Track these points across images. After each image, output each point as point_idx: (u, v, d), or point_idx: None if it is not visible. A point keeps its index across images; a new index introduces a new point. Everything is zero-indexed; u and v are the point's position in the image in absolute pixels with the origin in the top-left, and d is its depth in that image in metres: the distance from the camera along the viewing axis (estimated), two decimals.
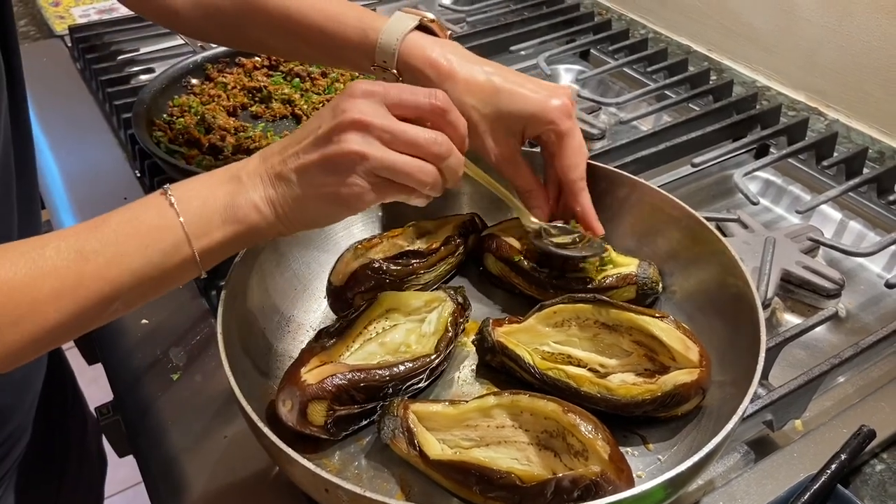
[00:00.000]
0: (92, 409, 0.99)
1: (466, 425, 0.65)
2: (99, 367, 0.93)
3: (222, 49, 1.19)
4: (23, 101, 0.80)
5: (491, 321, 0.74)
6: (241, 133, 1.06)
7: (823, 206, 1.01)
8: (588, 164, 0.85)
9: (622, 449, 0.63)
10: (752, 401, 0.59)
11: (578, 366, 0.71)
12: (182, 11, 0.84)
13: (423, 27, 0.76)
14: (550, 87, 0.75)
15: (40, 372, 0.90)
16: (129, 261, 0.55)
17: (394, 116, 0.58)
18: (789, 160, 1.08)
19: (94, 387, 1.25)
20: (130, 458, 0.92)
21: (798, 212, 0.96)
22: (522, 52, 1.37)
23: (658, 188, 0.80)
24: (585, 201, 0.77)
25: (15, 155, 0.75)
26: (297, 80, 1.16)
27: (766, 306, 0.84)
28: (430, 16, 0.78)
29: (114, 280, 0.55)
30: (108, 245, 0.55)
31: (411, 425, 0.64)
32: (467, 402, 0.66)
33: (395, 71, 0.75)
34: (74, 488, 1.04)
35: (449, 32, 0.80)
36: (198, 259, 0.57)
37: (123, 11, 1.53)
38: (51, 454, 0.98)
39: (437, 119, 0.60)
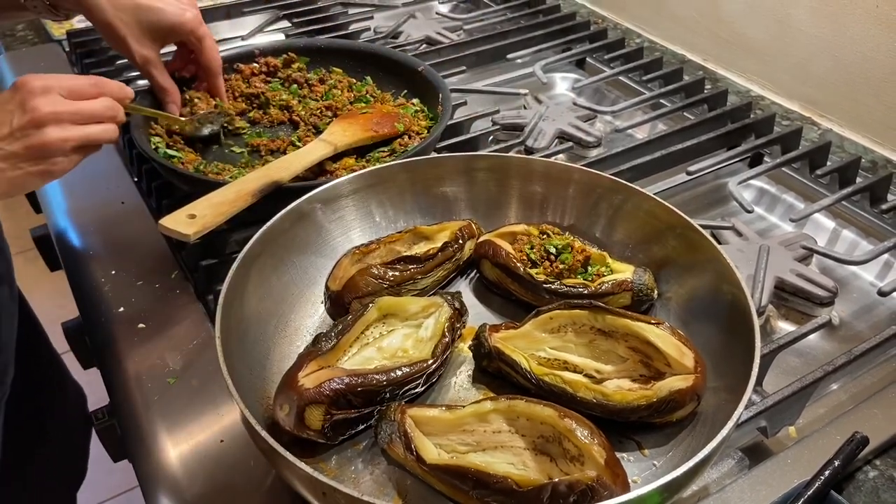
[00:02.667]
0: (77, 370, 1.00)
1: (463, 430, 0.65)
2: (94, 371, 0.93)
3: (220, 55, 1.19)
4: None
5: (488, 327, 0.74)
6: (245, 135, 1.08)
7: (817, 215, 1.01)
8: (584, 172, 0.86)
9: (618, 454, 0.63)
10: (746, 407, 0.60)
11: (574, 371, 0.71)
12: None
13: None
14: (182, 2, 0.98)
15: (13, 310, 0.91)
16: None
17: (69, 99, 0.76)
18: (783, 169, 1.09)
19: (90, 391, 1.25)
20: (125, 463, 0.92)
21: (792, 220, 0.97)
22: (519, 61, 1.38)
23: (654, 195, 0.81)
24: (219, 82, 1.07)
25: None
26: (295, 86, 1.16)
27: (760, 314, 0.84)
28: None
29: None
30: None
31: (408, 430, 0.64)
32: (464, 407, 0.66)
33: (47, 1, 0.94)
34: (55, 451, 1.06)
35: None
36: None
37: None
38: (30, 415, 1.00)
39: (99, 91, 0.81)
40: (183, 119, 1.02)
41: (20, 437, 0.96)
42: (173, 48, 1.08)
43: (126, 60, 1.35)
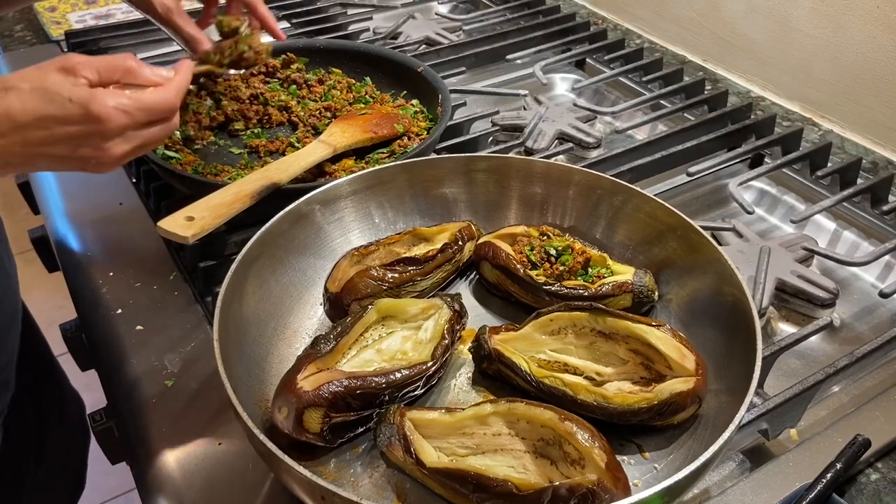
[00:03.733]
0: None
1: (463, 433, 0.65)
2: (92, 373, 0.93)
3: None
4: None
5: (487, 329, 0.74)
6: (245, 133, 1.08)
7: (818, 216, 1.01)
8: (584, 173, 0.86)
9: (619, 457, 0.63)
10: (747, 410, 0.59)
11: (575, 374, 0.71)
12: None
13: None
14: None
15: (16, 324, 0.91)
16: None
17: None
18: (784, 170, 1.08)
19: (88, 393, 1.25)
20: (123, 465, 0.92)
21: (792, 221, 0.96)
22: (518, 62, 1.37)
23: (654, 197, 0.81)
24: (264, 11, 1.01)
25: None
26: (294, 87, 1.16)
27: (761, 315, 0.84)
28: None
29: None
30: None
31: (407, 433, 0.64)
32: (464, 409, 0.66)
33: None
34: (54, 459, 1.05)
35: None
36: None
37: (120, 17, 1.53)
38: (29, 424, 0.99)
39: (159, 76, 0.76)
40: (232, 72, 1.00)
41: (20, 448, 0.95)
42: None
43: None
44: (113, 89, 0.70)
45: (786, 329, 0.86)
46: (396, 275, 0.79)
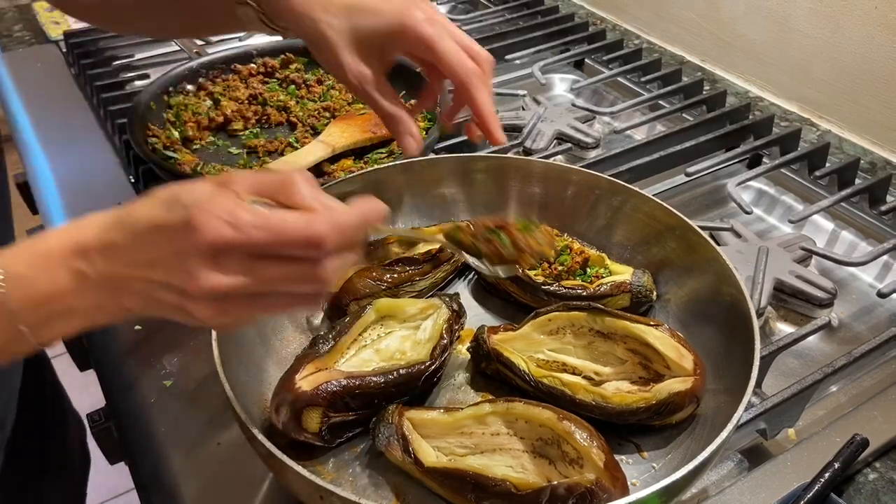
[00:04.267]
0: (83, 414, 0.99)
1: (461, 433, 0.65)
2: (91, 373, 0.93)
3: (218, 56, 1.19)
4: None
5: (486, 328, 0.74)
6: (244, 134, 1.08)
7: (816, 216, 1.01)
8: (582, 173, 0.86)
9: (617, 457, 0.63)
10: (745, 409, 0.59)
11: (573, 373, 0.71)
12: None
13: None
14: (409, 1, 0.70)
15: (17, 366, 0.90)
16: None
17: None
18: (782, 170, 1.08)
19: (86, 393, 1.24)
20: (122, 465, 0.92)
21: (791, 221, 0.97)
22: (517, 62, 1.37)
23: (652, 197, 0.81)
24: (478, 100, 0.68)
25: None
26: (293, 87, 1.16)
27: (759, 315, 0.84)
28: None
29: None
30: None
31: (406, 432, 0.64)
32: (462, 409, 0.66)
33: (254, 4, 0.72)
34: (55, 485, 1.04)
35: None
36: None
37: None
38: (31, 449, 0.98)
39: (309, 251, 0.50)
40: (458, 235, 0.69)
41: (19, 472, 0.94)
42: None
43: (124, 61, 1.36)
44: (244, 202, 0.49)
45: (784, 329, 0.86)
46: (395, 275, 0.79)
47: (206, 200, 0.48)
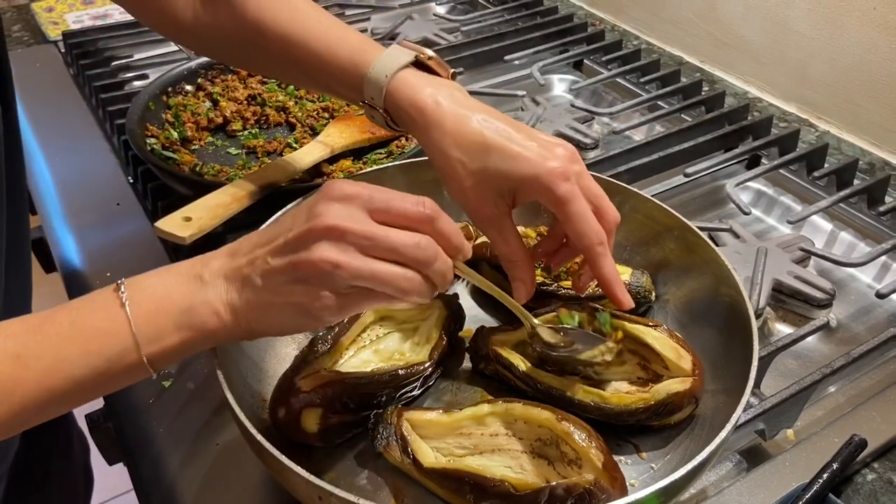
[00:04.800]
0: (82, 416, 0.98)
1: (460, 433, 0.65)
2: None
3: None
4: (11, 98, 0.80)
5: (485, 329, 0.74)
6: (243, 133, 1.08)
7: (814, 217, 1.01)
8: None
9: (616, 457, 0.63)
10: (744, 410, 0.60)
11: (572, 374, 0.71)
12: (182, 22, 0.79)
13: (419, 63, 0.70)
14: (549, 145, 0.65)
15: None
16: (71, 368, 0.51)
17: (375, 221, 0.53)
18: (780, 171, 1.08)
19: None
20: (120, 466, 0.92)
21: (789, 222, 0.97)
22: (516, 62, 1.37)
23: (651, 197, 0.81)
24: (603, 269, 0.66)
25: (6, 150, 0.74)
26: (292, 87, 1.16)
27: (757, 316, 0.84)
28: (430, 52, 0.71)
29: (52, 388, 0.51)
30: (49, 350, 0.51)
31: (405, 433, 0.64)
32: (461, 410, 0.66)
33: (382, 111, 0.70)
34: (59, 499, 1.03)
35: (452, 71, 0.73)
36: (147, 364, 0.53)
37: (117, 18, 1.53)
38: (35, 466, 0.97)
39: (424, 228, 0.55)
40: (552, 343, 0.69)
41: (23, 494, 0.93)
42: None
43: (123, 61, 1.36)
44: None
45: (783, 329, 0.86)
46: None
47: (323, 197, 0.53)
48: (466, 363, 0.76)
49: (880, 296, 0.86)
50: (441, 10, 1.63)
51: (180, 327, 0.53)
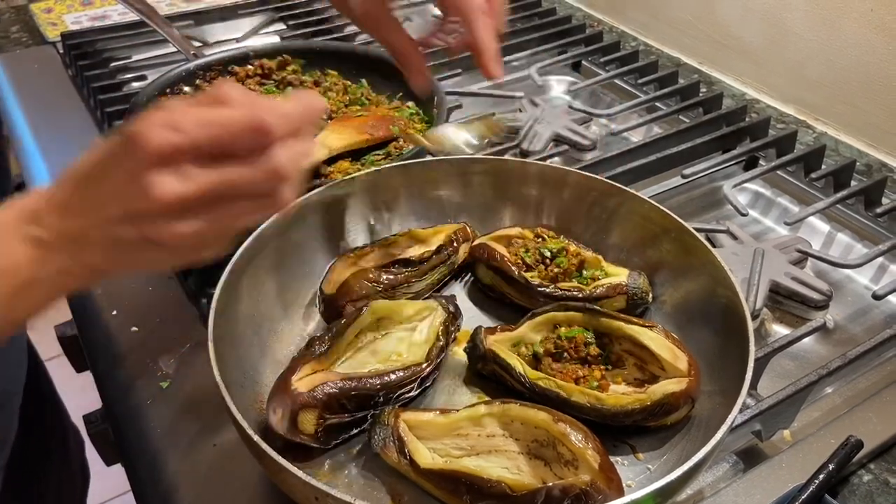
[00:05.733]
0: (80, 417, 0.98)
1: (457, 434, 0.65)
2: (87, 375, 0.93)
3: (215, 57, 1.19)
4: None
5: (483, 329, 0.74)
6: None
7: (811, 218, 1.02)
8: (579, 175, 0.86)
9: (612, 458, 0.63)
10: (740, 411, 0.60)
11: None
12: None
13: None
14: None
15: (18, 385, 0.89)
16: None
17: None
18: (778, 172, 1.09)
19: (83, 395, 1.24)
20: (118, 467, 0.92)
21: (786, 223, 0.97)
22: (515, 63, 1.38)
23: (649, 199, 0.81)
24: (478, 32, 0.65)
25: None
26: (290, 88, 1.16)
27: (754, 317, 0.84)
28: None
29: None
30: None
31: (402, 434, 0.64)
32: (458, 410, 0.66)
33: None
34: (56, 496, 1.03)
35: None
36: None
37: (116, 19, 1.53)
38: (31, 461, 0.97)
39: (264, 140, 0.48)
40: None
41: (19, 490, 0.93)
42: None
43: (121, 62, 1.36)
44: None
45: (779, 331, 0.86)
46: (391, 276, 0.79)
47: (142, 119, 0.47)
48: (464, 364, 0.76)
49: (877, 297, 0.86)
50: (439, 11, 1.63)
51: (31, 295, 0.50)
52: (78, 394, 1.28)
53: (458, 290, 0.86)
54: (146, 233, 0.48)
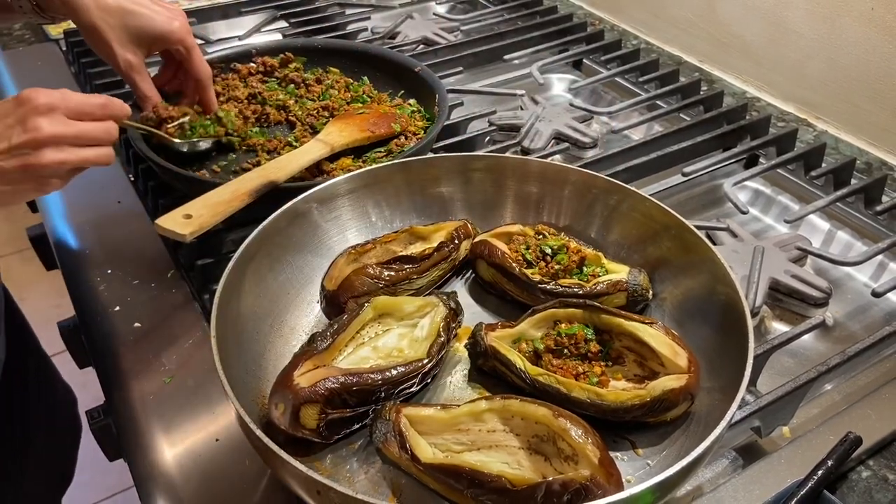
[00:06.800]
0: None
1: (458, 429, 0.65)
2: (90, 370, 0.93)
3: (217, 55, 1.19)
4: None
5: (483, 326, 0.74)
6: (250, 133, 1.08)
7: (811, 216, 1.02)
8: (580, 172, 0.86)
9: (612, 453, 0.63)
10: (739, 407, 0.60)
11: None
12: None
13: None
14: (172, 11, 0.96)
15: None
16: None
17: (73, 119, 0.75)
18: (778, 170, 1.09)
19: (86, 391, 1.25)
20: (121, 463, 0.92)
21: (786, 221, 0.97)
22: (516, 62, 1.38)
23: (649, 196, 0.81)
24: (208, 92, 1.02)
25: None
26: (292, 86, 1.17)
27: (754, 314, 0.84)
28: None
29: None
30: None
31: (403, 429, 0.64)
32: (459, 406, 0.66)
33: (32, 2, 0.92)
34: (41, 455, 1.05)
35: None
36: None
37: None
38: (15, 420, 0.99)
39: (105, 113, 0.79)
40: (177, 141, 0.99)
41: (4, 443, 0.95)
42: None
43: None
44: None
45: (779, 328, 0.87)
46: (393, 273, 0.79)
47: (32, 89, 0.73)
48: (465, 360, 0.76)
49: (876, 294, 0.86)
50: (441, 9, 1.64)
51: None
52: (80, 389, 1.29)
53: (459, 287, 0.86)
54: (25, 160, 0.72)
